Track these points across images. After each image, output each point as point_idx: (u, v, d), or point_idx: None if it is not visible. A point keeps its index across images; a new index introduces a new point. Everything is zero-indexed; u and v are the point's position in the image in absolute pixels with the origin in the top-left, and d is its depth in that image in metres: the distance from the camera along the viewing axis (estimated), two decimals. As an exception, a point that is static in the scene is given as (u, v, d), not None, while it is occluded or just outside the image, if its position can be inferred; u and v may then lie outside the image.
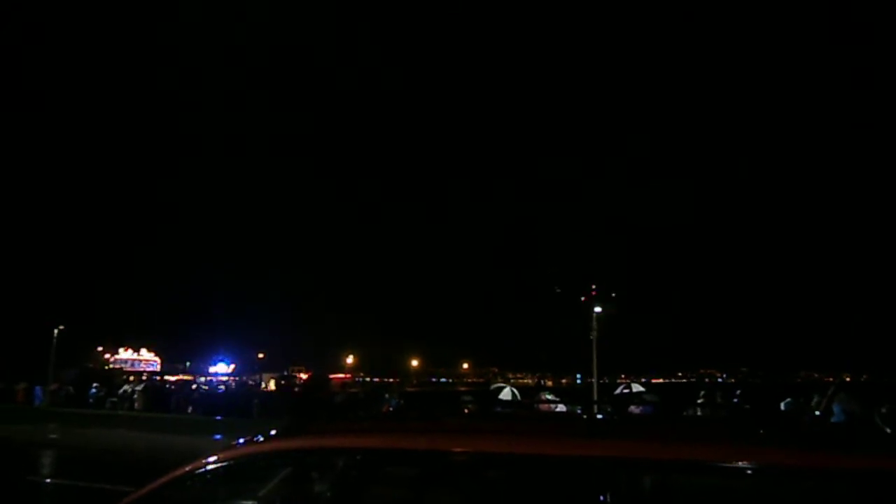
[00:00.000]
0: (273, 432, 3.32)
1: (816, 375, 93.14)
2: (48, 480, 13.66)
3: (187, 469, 3.12)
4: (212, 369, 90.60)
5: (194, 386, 47.81)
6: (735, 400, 17.45)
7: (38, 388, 32.89)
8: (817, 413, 11.36)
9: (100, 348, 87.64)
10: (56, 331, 40.90)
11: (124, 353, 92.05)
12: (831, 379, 77.53)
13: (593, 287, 27.01)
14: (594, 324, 26.23)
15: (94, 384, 34.56)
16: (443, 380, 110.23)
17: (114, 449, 17.22)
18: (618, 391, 20.34)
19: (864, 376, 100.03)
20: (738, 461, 2.42)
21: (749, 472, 2.40)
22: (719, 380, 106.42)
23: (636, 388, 20.96)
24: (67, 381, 37.83)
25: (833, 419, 11.16)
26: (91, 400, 31.98)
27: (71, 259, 78.57)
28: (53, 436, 19.45)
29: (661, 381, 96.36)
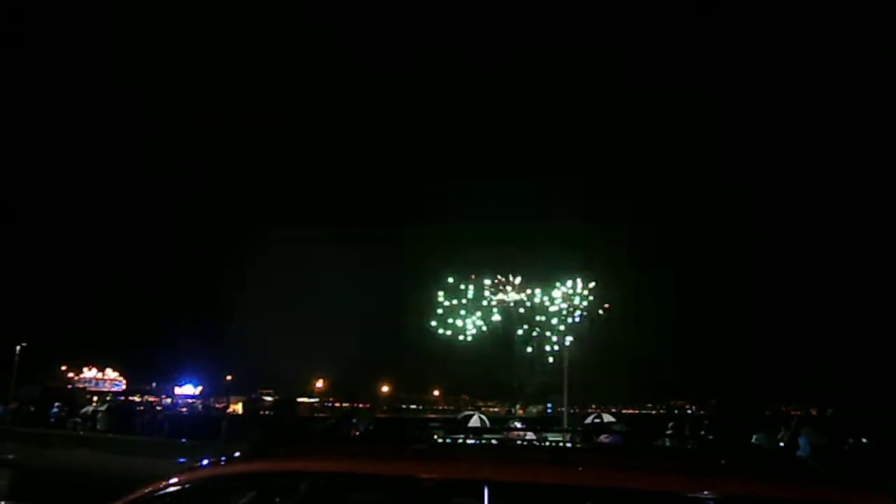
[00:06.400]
0: (237, 454, 3.27)
1: (784, 408, 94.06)
2: (2, 503, 13.25)
3: (147, 491, 3.06)
4: (178, 390, 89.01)
5: (159, 407, 47.09)
6: (702, 432, 17.62)
7: (-3, 406, 32.20)
8: (781, 445, 11.51)
9: (63, 367, 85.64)
10: (18, 348, 40.07)
11: (88, 372, 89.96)
12: (798, 412, 78.38)
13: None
14: (565, 353, 26.26)
15: (56, 403, 33.81)
16: (413, 406, 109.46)
17: (73, 470, 16.80)
18: (588, 420, 20.38)
19: (830, 410, 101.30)
20: (699, 492, 2.45)
21: (710, 502, 2.42)
22: (689, 411, 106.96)
23: (606, 417, 21.04)
24: (28, 400, 36.90)
25: (799, 452, 11.31)
26: (52, 419, 31.28)
27: (34, 275, 76.73)
28: (11, 456, 18.91)
29: (632, 411, 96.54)
